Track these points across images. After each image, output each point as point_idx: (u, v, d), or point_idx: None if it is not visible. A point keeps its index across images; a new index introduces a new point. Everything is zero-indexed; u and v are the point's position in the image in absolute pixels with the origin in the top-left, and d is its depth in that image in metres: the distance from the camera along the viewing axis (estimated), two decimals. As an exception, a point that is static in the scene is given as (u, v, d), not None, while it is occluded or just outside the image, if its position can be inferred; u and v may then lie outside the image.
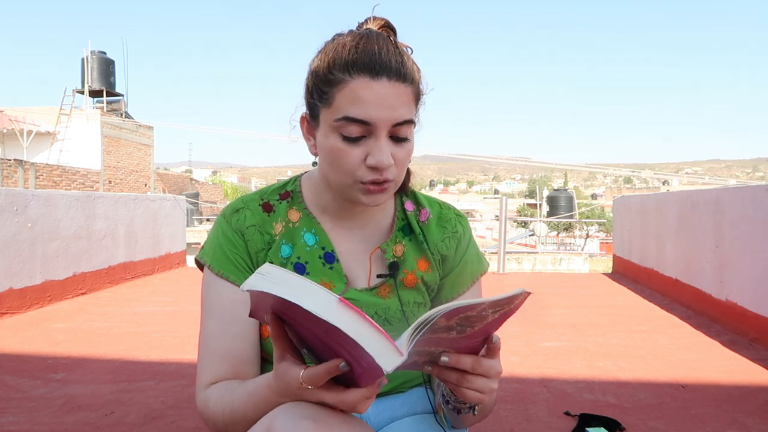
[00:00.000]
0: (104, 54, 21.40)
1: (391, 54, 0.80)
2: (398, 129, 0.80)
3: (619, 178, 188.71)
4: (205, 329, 0.89)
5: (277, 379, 0.71)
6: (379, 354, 0.59)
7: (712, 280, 3.57)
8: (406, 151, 0.83)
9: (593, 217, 24.84)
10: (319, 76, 0.82)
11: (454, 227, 0.98)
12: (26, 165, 15.53)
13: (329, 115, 0.81)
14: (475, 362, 0.70)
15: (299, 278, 0.64)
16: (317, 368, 0.65)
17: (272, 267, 0.66)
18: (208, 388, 0.85)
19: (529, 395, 2.18)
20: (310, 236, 0.92)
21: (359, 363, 0.62)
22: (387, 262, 0.93)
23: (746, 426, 1.89)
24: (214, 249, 0.90)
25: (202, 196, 24.75)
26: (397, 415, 0.92)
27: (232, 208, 0.92)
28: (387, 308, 0.92)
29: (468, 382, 0.71)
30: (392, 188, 0.85)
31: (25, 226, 3.68)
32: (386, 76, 0.78)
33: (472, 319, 0.65)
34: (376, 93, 0.78)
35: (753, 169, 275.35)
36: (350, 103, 0.78)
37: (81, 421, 1.91)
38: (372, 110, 0.78)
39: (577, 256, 11.33)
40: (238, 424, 0.79)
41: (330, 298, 0.62)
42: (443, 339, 0.66)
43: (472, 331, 0.67)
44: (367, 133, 0.80)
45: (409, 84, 0.81)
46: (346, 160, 0.81)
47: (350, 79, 0.78)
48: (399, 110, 0.79)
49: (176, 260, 5.98)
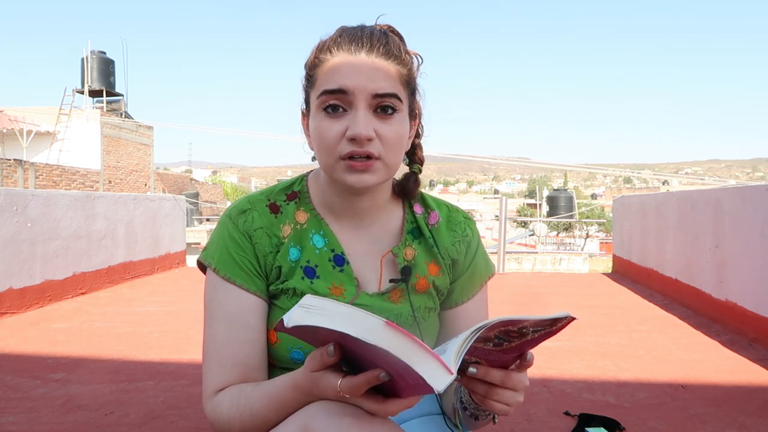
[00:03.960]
0: (104, 54, 21.40)
1: (374, 34, 0.80)
2: (381, 100, 0.79)
3: (619, 178, 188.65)
4: (210, 335, 0.86)
5: (310, 383, 0.69)
6: (430, 375, 0.59)
7: (711, 280, 3.57)
8: (393, 129, 0.80)
9: (593, 217, 24.84)
10: (308, 64, 0.84)
11: (463, 231, 0.96)
12: (26, 165, 15.53)
13: (314, 96, 0.82)
14: (505, 376, 0.69)
15: (343, 306, 0.63)
16: (357, 378, 0.64)
17: (314, 299, 0.63)
18: (218, 395, 0.83)
19: (529, 395, 2.18)
20: (318, 238, 0.89)
21: (403, 378, 0.62)
22: (399, 267, 0.90)
23: (746, 426, 1.89)
24: (220, 251, 0.87)
25: (201, 196, 24.75)
26: (406, 417, 0.90)
27: (239, 209, 0.88)
28: (399, 314, 0.89)
29: (496, 395, 0.70)
30: (380, 169, 0.81)
31: (25, 226, 3.68)
32: (366, 50, 0.79)
33: (511, 334, 0.64)
34: (353, 63, 0.78)
35: (753, 169, 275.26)
36: (328, 76, 0.79)
37: (81, 421, 1.91)
38: (348, 79, 0.78)
39: (577, 256, 11.35)
40: (258, 427, 0.77)
41: (376, 322, 0.61)
42: (477, 349, 0.66)
43: (509, 347, 0.66)
44: (348, 105, 0.79)
45: (394, 62, 0.80)
46: (327, 135, 0.79)
47: (331, 57, 0.80)
48: (378, 82, 0.78)
49: (176, 260, 5.97)
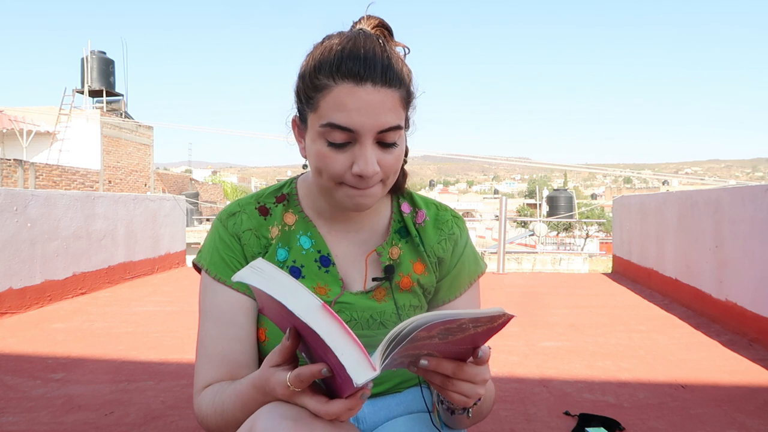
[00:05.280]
0: (104, 54, 21.40)
1: (377, 58, 0.78)
2: (385, 135, 0.79)
3: (619, 178, 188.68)
4: (202, 332, 0.89)
5: (263, 380, 0.72)
6: (353, 366, 0.59)
7: (711, 280, 3.57)
8: (394, 156, 0.82)
9: (593, 217, 24.83)
10: (305, 80, 0.81)
11: (450, 229, 0.97)
12: (26, 165, 15.53)
13: (315, 120, 0.80)
14: (457, 368, 0.70)
15: (288, 278, 0.65)
16: (302, 369, 0.66)
17: (265, 263, 0.66)
18: (203, 391, 0.86)
19: (528, 395, 2.18)
20: (306, 239, 0.92)
21: (338, 372, 0.62)
22: (383, 265, 0.92)
23: (746, 426, 1.89)
24: (211, 253, 0.90)
25: (201, 196, 24.75)
26: (393, 415, 0.92)
27: (228, 212, 0.92)
28: (383, 312, 0.91)
29: (452, 386, 0.71)
30: (379, 191, 0.84)
31: (25, 226, 3.68)
32: (371, 81, 0.77)
33: (452, 330, 0.65)
34: (360, 99, 0.77)
35: (753, 169, 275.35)
36: (334, 109, 0.77)
37: (80, 421, 1.91)
38: (356, 117, 0.77)
39: (577, 256, 11.34)
40: (229, 424, 0.79)
41: (314, 302, 0.62)
42: (425, 344, 0.66)
43: (455, 339, 0.67)
44: (352, 139, 0.79)
45: (396, 88, 0.79)
46: (332, 166, 0.80)
47: (334, 85, 0.77)
48: (384, 117, 0.78)
49: (176, 260, 5.98)
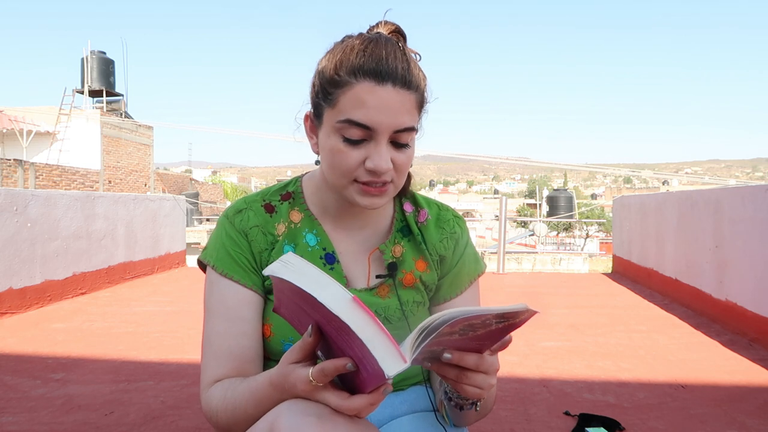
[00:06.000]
0: (104, 54, 21.40)
1: (398, 60, 0.81)
2: (399, 135, 0.82)
3: (619, 178, 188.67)
4: (208, 328, 0.89)
5: (282, 377, 0.72)
6: (384, 358, 0.60)
7: (711, 280, 3.57)
8: (406, 156, 0.84)
9: (593, 217, 24.84)
10: (325, 76, 0.83)
11: (452, 228, 0.99)
12: (26, 165, 15.53)
13: (332, 116, 0.82)
14: (479, 360, 0.71)
15: (319, 271, 0.65)
16: (326, 363, 0.67)
17: (295, 257, 0.67)
18: (212, 387, 0.86)
19: (528, 395, 2.18)
20: (311, 237, 0.93)
21: (365, 366, 0.62)
22: (386, 263, 0.94)
23: (746, 426, 1.89)
24: (218, 249, 0.91)
25: (201, 196, 24.74)
26: (398, 413, 0.92)
27: (235, 209, 0.93)
28: (386, 307, 0.93)
29: (468, 379, 0.72)
30: (391, 192, 0.86)
31: (25, 226, 3.68)
32: (391, 82, 0.79)
33: (475, 326, 0.66)
34: (380, 98, 0.79)
35: (753, 169, 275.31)
36: (354, 106, 0.79)
37: (80, 421, 1.91)
38: (374, 115, 0.79)
39: (577, 256, 11.35)
40: (241, 421, 0.80)
41: (345, 295, 0.63)
42: (444, 341, 0.67)
43: (475, 335, 0.68)
44: (368, 137, 0.81)
45: (414, 91, 0.82)
46: (346, 161, 0.82)
47: (355, 82, 0.79)
48: (401, 117, 0.80)
49: (176, 260, 5.97)
